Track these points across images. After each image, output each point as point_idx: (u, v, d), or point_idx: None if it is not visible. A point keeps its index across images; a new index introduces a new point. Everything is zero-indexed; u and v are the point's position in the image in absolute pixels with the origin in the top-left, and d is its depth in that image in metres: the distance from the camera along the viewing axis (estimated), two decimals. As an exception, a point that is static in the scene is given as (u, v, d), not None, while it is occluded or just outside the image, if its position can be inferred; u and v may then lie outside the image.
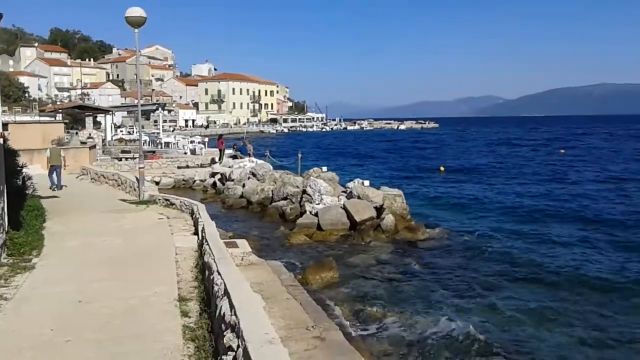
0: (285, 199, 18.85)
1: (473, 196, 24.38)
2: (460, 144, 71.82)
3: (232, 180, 22.90)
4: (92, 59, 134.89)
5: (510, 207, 21.47)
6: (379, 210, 16.52)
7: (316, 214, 16.34)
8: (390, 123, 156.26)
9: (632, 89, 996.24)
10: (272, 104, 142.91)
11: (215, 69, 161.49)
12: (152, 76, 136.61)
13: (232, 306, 4.72)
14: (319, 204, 16.93)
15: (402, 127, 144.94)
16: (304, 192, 18.28)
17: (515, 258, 13.65)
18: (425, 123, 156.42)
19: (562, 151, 53.44)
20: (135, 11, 15.25)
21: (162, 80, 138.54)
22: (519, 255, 13.88)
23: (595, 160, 42.97)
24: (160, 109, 61.49)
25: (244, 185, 21.36)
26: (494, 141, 77.22)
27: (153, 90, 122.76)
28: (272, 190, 19.99)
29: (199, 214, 11.65)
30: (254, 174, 22.13)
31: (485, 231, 16.83)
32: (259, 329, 3.97)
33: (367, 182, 18.12)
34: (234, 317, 4.46)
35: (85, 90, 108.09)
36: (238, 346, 4.04)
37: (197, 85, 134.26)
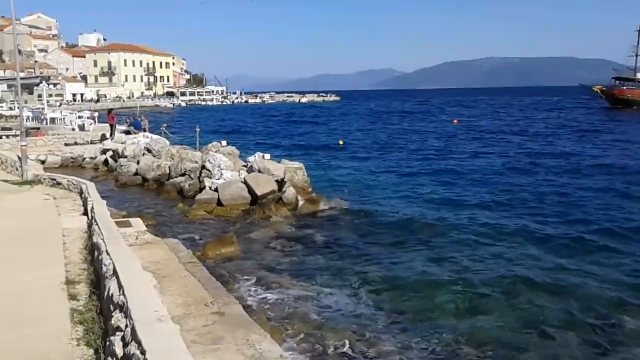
0: (183, 175, 18.33)
1: (372, 168, 25.11)
2: (359, 116, 73.48)
3: (125, 157, 21.86)
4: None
5: (409, 177, 22.34)
6: (280, 183, 16.56)
7: (216, 190, 16.07)
8: (292, 96, 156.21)
9: (518, 62, 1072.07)
10: (168, 77, 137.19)
11: (104, 39, 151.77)
12: (35, 47, 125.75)
13: (120, 286, 4.53)
14: (218, 179, 16.64)
15: (304, 100, 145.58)
16: (203, 167, 17.86)
17: (413, 227, 14.10)
18: (326, 96, 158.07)
19: (456, 121, 56.54)
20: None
21: (45, 51, 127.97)
22: (416, 224, 14.35)
23: (484, 129, 45.80)
24: (44, 82, 57.00)
25: (138, 162, 20.48)
26: (393, 113, 79.83)
27: (36, 62, 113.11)
28: (169, 167, 19.34)
29: (88, 193, 11.05)
30: (149, 150, 21.26)
31: (384, 202, 17.33)
32: (148, 308, 3.85)
33: (267, 156, 18.05)
34: (122, 296, 4.29)
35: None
36: (126, 326, 3.90)
37: (84, 57, 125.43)
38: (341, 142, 37.27)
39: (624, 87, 72.53)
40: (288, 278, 10.10)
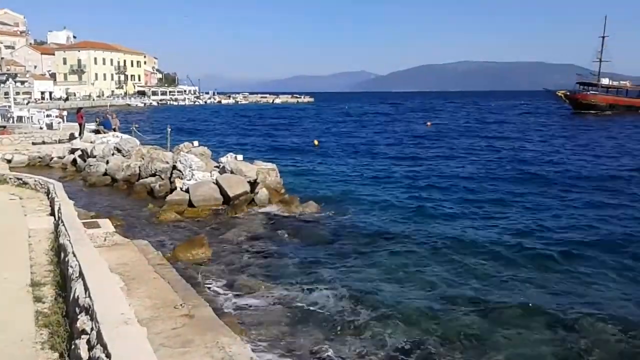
0: (153, 175, 18.09)
1: (346, 170, 25.16)
2: (334, 118, 73.67)
3: (95, 156, 21.46)
4: None
5: (382, 179, 22.42)
6: (253, 184, 16.50)
7: (187, 190, 15.91)
8: (265, 97, 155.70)
9: (492, 66, 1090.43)
10: (139, 76, 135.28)
11: (74, 37, 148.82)
12: (1, 43, 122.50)
13: (86, 288, 4.45)
14: (190, 179, 16.48)
15: (278, 101, 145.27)
16: (174, 167, 17.68)
17: (386, 229, 14.16)
18: (300, 97, 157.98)
19: (429, 124, 57.16)
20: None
21: (12, 48, 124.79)
22: (389, 226, 14.44)
23: (458, 132, 46.36)
24: (11, 79, 55.66)
25: (107, 162, 20.15)
26: (367, 115, 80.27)
27: (2, 58, 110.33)
28: (139, 167, 19.05)
29: (55, 194, 10.82)
30: (118, 150, 20.92)
31: (357, 204, 17.31)
32: (115, 310, 3.79)
33: (240, 157, 17.97)
34: (88, 299, 4.21)
35: None
36: (92, 329, 3.83)
37: (54, 55, 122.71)
38: (316, 143, 37.28)
39: (588, 92, 74.35)
40: (259, 280, 10.05)
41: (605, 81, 74.83)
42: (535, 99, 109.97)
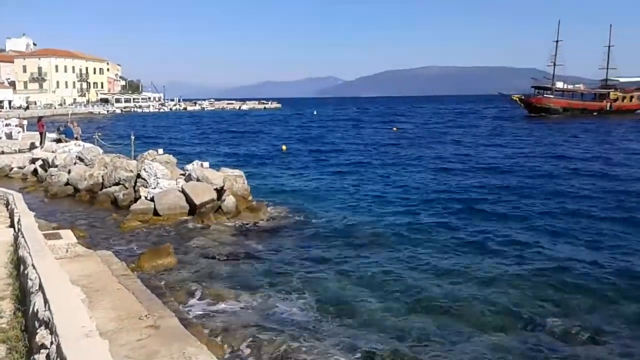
0: (117, 184, 17.77)
1: (314, 175, 25.20)
2: (301, 123, 73.76)
3: (56, 166, 20.96)
4: None
5: (350, 184, 22.49)
6: (220, 192, 16.37)
7: (152, 199, 15.68)
8: (232, 103, 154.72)
9: (456, 71, 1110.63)
10: (102, 83, 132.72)
11: (34, 44, 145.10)
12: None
13: (46, 301, 4.35)
14: (155, 188, 16.24)
15: (245, 107, 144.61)
16: (139, 176, 17.39)
17: (353, 234, 14.23)
18: (268, 103, 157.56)
19: (395, 129, 57.78)
20: None
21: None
22: (356, 231, 14.51)
23: (422, 137, 46.96)
24: (-34, 87, 53.78)
25: (69, 172, 19.69)
26: (334, 121, 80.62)
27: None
28: (102, 176, 18.69)
29: (15, 205, 10.54)
30: (81, 159, 20.47)
31: (325, 209, 17.32)
32: (75, 323, 3.72)
33: (206, 164, 17.81)
34: (47, 312, 4.12)
35: None
36: (52, 342, 3.75)
37: (12, 62, 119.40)
38: (284, 148, 37.23)
39: (542, 96, 76.14)
40: (226, 288, 9.98)
41: (559, 85, 76.81)
42: (496, 103, 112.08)
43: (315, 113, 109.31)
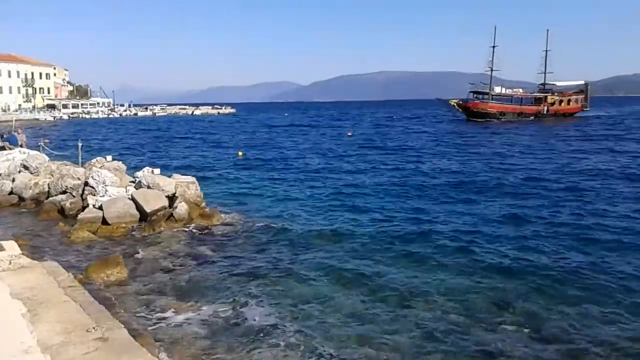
0: (64, 192, 17.21)
1: (270, 180, 25.08)
2: (257, 128, 73.36)
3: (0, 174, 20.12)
4: None
5: (306, 189, 22.47)
6: (171, 199, 16.10)
7: (100, 207, 15.25)
8: (184, 108, 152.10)
9: (410, 75, 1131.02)
10: (48, 88, 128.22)
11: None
12: None
13: (-17, 318, 4.16)
14: (103, 196, 15.81)
15: (198, 112, 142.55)
16: (86, 184, 16.90)
17: (308, 240, 14.16)
18: (221, 108, 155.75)
19: (350, 134, 58.25)
20: None
21: None
22: (310, 237, 14.44)
23: (374, 142, 47.53)
24: None
25: (13, 180, 18.95)
26: (290, 126, 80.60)
27: None
28: (48, 184, 18.06)
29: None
30: (26, 167, 19.72)
31: (280, 215, 17.22)
32: (14, 339, 3.58)
33: (157, 170, 17.47)
34: (-16, 330, 3.94)
35: None
36: (-12, 362, 3.59)
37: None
38: (240, 154, 36.93)
39: (479, 101, 78.10)
40: (178, 298, 9.82)
41: (497, 89, 79.00)
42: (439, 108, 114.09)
43: (270, 118, 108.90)
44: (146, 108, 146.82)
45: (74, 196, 16.96)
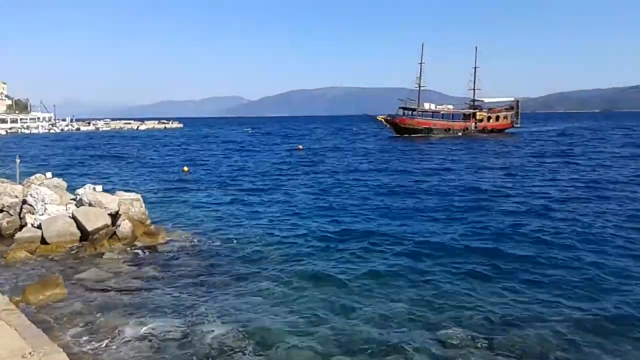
0: (0, 211, 16.49)
1: (216, 196, 24.84)
2: (204, 144, 72.49)
3: None
4: None
5: (254, 205, 22.35)
6: (115, 217, 15.73)
7: (39, 226, 14.73)
8: (129, 123, 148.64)
9: (358, 91, 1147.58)
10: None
11: None
12: None
13: None
14: (42, 214, 15.28)
15: (143, 127, 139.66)
16: (25, 202, 16.29)
17: (254, 257, 14.12)
18: (168, 123, 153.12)
19: (300, 147, 58.47)
20: None
21: None
22: (260, 253, 14.43)
23: (325, 156, 47.90)
24: None
25: (-56, 199, 17.96)
26: (239, 140, 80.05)
27: None
28: (-17, 203, 17.26)
29: None
30: (-42, 185, 18.77)
31: (227, 231, 17.11)
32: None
33: (99, 188, 17.06)
34: None
35: None
36: None
37: None
38: (186, 169, 36.40)
39: (406, 117, 79.53)
40: (121, 319, 9.60)
41: (426, 105, 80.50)
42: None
43: (218, 132, 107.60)
44: (89, 123, 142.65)
45: (11, 215, 16.31)
